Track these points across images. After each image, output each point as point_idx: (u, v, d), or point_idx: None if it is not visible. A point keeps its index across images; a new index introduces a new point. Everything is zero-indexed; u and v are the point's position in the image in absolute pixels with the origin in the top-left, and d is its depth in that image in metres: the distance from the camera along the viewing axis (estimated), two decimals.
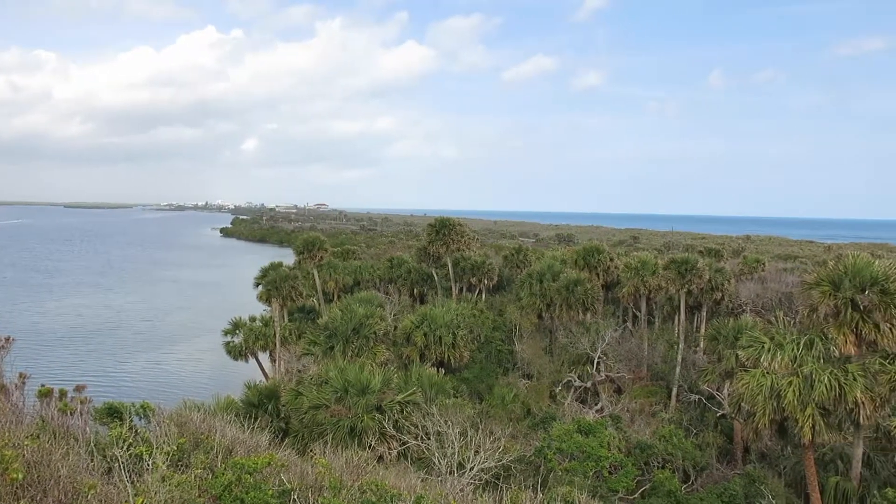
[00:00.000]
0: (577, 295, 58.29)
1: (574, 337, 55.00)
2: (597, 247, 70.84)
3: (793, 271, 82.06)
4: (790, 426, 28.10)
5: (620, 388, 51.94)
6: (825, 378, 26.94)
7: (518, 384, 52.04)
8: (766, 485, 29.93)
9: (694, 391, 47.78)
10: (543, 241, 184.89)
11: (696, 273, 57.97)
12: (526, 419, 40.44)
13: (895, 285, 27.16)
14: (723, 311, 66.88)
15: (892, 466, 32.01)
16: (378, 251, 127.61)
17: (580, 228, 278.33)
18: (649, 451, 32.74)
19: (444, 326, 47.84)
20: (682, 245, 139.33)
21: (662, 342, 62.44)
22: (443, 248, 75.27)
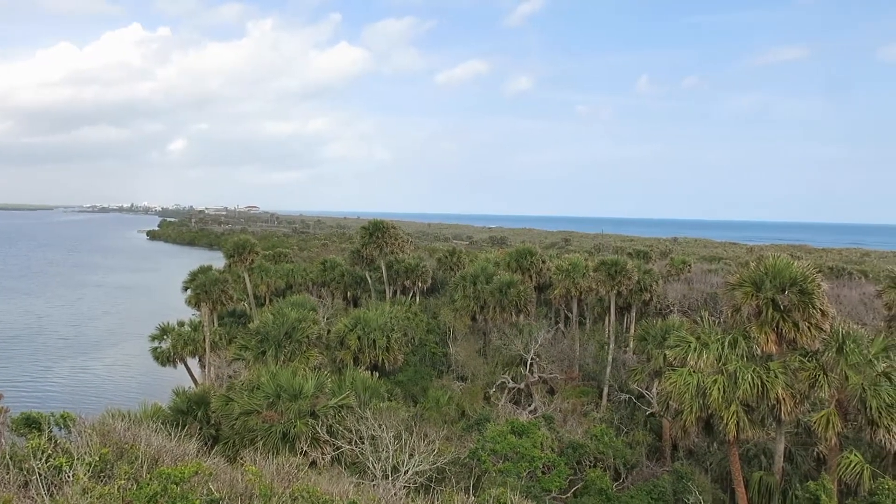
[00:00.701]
0: (510, 297, 58.80)
1: (507, 338, 55.43)
2: (529, 249, 71.63)
3: (717, 272, 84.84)
4: (716, 423, 28.91)
5: (553, 388, 52.60)
6: (748, 376, 27.81)
7: (452, 386, 52.12)
8: (693, 481, 30.74)
9: (624, 390, 48.75)
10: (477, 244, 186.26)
11: (626, 275, 59.20)
12: (460, 421, 40.50)
13: (812, 285, 28.26)
14: (651, 311, 68.57)
15: (811, 460, 33.32)
16: (311, 254, 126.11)
17: (513, 231, 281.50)
18: (581, 451, 33.22)
19: (378, 329, 47.54)
20: (611, 247, 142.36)
21: (594, 343, 63.54)
22: (376, 251, 74.90)
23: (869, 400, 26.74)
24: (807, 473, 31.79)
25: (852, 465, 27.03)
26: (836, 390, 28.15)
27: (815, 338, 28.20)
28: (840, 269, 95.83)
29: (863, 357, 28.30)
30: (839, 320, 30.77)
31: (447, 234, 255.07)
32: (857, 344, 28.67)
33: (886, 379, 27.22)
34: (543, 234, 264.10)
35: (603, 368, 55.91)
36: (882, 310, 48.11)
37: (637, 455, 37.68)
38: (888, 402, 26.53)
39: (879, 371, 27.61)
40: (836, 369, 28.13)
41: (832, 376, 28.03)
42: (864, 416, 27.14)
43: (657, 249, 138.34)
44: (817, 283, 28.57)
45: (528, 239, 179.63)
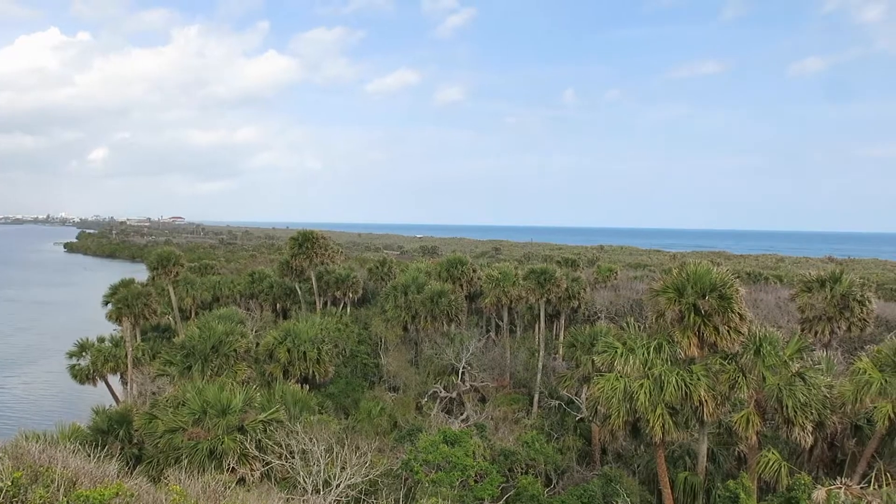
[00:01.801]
0: (442, 306, 58.92)
1: (439, 348, 55.50)
2: (460, 258, 71.99)
3: (642, 279, 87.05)
4: (643, 426, 29.58)
5: (485, 396, 52.89)
6: (673, 379, 28.62)
7: (384, 397, 51.80)
8: (621, 484, 31.37)
9: (554, 397, 49.41)
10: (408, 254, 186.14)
11: (555, 283, 60.13)
12: (393, 432, 40.30)
13: (731, 290, 29.33)
14: (580, 318, 69.83)
15: (733, 459, 34.46)
16: (238, 266, 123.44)
17: (444, 240, 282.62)
18: (513, 458, 33.49)
19: (309, 341, 46.90)
20: (540, 256, 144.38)
21: (524, 350, 64.21)
22: (306, 262, 73.93)
23: (785, 399, 27.89)
24: (728, 472, 32.85)
25: (770, 462, 28.11)
26: (755, 391, 29.27)
27: (735, 341, 29.25)
28: (757, 275, 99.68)
29: (779, 358, 29.51)
30: (756, 324, 31.98)
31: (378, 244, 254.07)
32: (773, 346, 29.89)
33: (800, 379, 28.44)
34: (474, 243, 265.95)
35: (533, 375, 56.55)
36: (796, 312, 50.23)
37: (567, 460, 38.21)
38: (802, 402, 27.73)
39: (794, 371, 28.84)
40: (755, 371, 29.26)
41: (751, 378, 29.14)
42: (780, 415, 28.29)
43: (585, 257, 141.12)
44: (735, 288, 29.66)
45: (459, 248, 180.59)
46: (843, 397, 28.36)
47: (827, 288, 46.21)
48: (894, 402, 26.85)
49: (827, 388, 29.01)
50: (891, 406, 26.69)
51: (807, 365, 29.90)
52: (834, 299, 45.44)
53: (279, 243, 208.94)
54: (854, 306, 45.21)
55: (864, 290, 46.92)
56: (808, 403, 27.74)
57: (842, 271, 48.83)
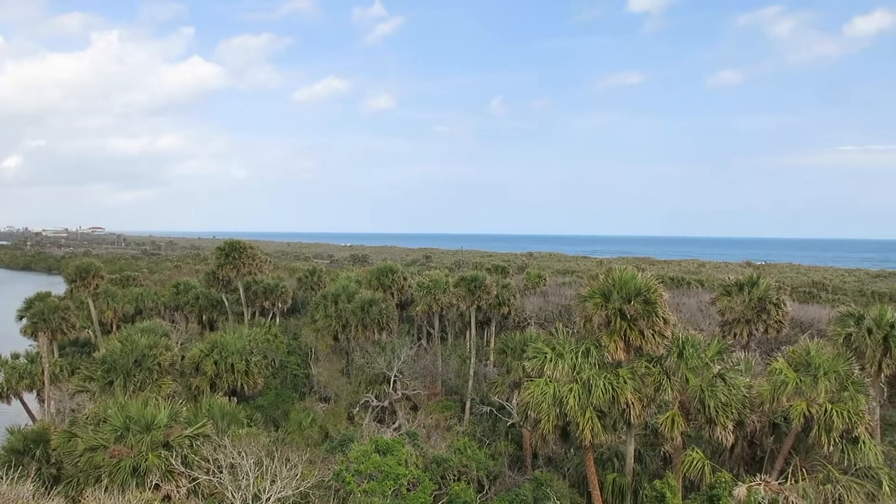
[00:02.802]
0: (373, 315, 58.60)
1: (371, 357, 55.16)
2: (391, 267, 71.86)
3: (570, 285, 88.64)
4: (572, 430, 30.09)
5: (416, 404, 52.79)
6: (601, 383, 29.24)
7: (315, 408, 51.14)
8: (552, 487, 31.78)
9: (486, 403, 49.71)
10: (338, 262, 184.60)
11: (485, 289, 60.64)
12: (324, 443, 39.79)
13: (655, 295, 30.18)
14: (510, 324, 70.54)
15: (659, 459, 35.36)
16: (162, 277, 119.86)
17: (375, 249, 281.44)
18: (445, 465, 33.52)
19: (236, 353, 45.92)
20: (471, 263, 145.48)
21: (455, 357, 64.42)
22: (233, 272, 72.36)
23: (707, 400, 28.84)
24: (655, 472, 33.68)
25: (694, 461, 28.99)
26: (679, 392, 30.18)
27: (659, 344, 30.11)
28: (680, 280, 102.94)
29: (701, 360, 30.52)
30: (680, 327, 33.01)
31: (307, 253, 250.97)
32: (696, 348, 30.93)
33: (721, 380, 29.46)
34: (405, 251, 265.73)
35: (465, 382, 56.79)
36: (716, 316, 52.03)
37: (499, 466, 38.47)
38: (723, 402, 28.73)
39: (715, 373, 29.86)
40: (678, 373, 30.18)
41: (675, 380, 30.05)
42: (703, 416, 29.22)
43: (514, 264, 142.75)
44: (659, 293, 30.54)
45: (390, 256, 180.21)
46: (762, 397, 29.45)
47: (745, 292, 48.04)
48: (809, 400, 28.06)
49: (746, 389, 30.10)
50: (805, 404, 27.89)
51: (727, 366, 31.00)
52: (752, 302, 47.26)
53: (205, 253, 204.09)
54: (770, 309, 47.13)
55: (779, 294, 49.00)
56: (728, 403, 28.74)
57: (759, 276, 50.88)
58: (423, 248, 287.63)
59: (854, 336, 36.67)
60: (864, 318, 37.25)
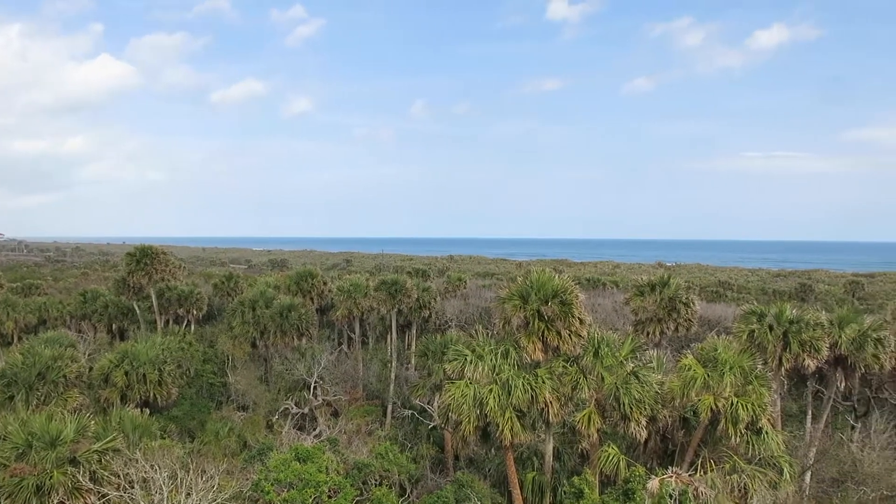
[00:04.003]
0: (292, 320, 57.76)
1: (290, 363, 54.34)
2: (310, 271, 71.01)
3: (490, 287, 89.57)
4: (492, 430, 30.45)
5: (337, 410, 52.29)
6: (520, 383, 29.72)
7: (233, 417, 49.97)
8: (473, 488, 32.04)
9: (407, 406, 49.71)
10: (256, 268, 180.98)
11: (405, 293, 60.70)
12: (242, 453, 38.94)
13: (571, 296, 30.91)
14: (431, 327, 70.78)
15: (577, 457, 36.15)
16: (68, 285, 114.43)
17: (294, 253, 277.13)
18: (367, 470, 33.33)
19: (149, 363, 44.37)
20: (392, 267, 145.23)
21: (377, 361, 64.21)
22: (145, 279, 69.89)
23: (622, 397, 29.69)
24: (573, 469, 34.41)
25: (610, 457, 29.81)
26: (595, 390, 30.97)
27: (576, 344, 30.86)
28: (596, 281, 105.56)
29: (615, 359, 31.42)
30: (595, 327, 33.87)
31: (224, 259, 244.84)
32: (611, 347, 31.82)
33: (635, 377, 30.37)
34: (325, 255, 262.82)
35: (386, 386, 56.66)
36: (630, 315, 53.64)
37: (421, 469, 38.51)
38: (637, 398, 29.63)
39: (629, 371, 30.76)
40: (594, 371, 30.99)
41: (591, 378, 30.83)
42: (618, 412, 30.06)
43: (435, 267, 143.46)
44: (575, 294, 31.30)
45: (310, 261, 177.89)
46: (673, 392, 30.54)
47: (657, 292, 49.71)
48: (716, 394, 29.25)
49: (658, 385, 31.11)
50: (713, 398, 29.08)
51: (640, 364, 31.97)
52: (663, 302, 48.94)
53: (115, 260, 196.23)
54: (680, 308, 48.93)
55: (688, 293, 50.96)
56: (642, 400, 29.67)
57: (669, 276, 52.76)
58: (343, 251, 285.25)
59: (757, 332, 38.59)
60: (766, 316, 39.24)
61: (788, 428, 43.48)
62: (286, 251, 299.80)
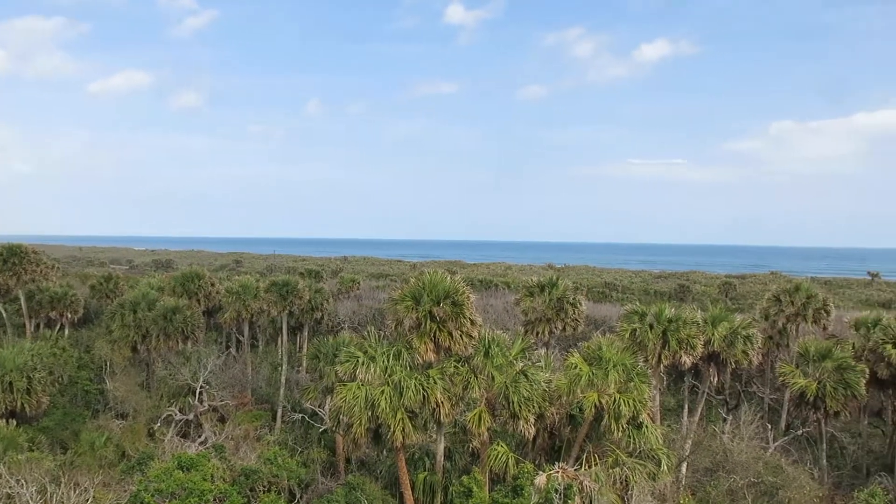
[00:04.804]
0: (176, 323, 55.55)
1: (174, 368, 52.22)
2: (197, 272, 68.64)
3: (384, 288, 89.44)
4: (384, 432, 30.37)
5: (224, 416, 50.67)
6: (412, 384, 29.77)
7: (111, 426, 47.47)
8: (363, 490, 31.84)
9: (298, 410, 48.89)
10: (139, 268, 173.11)
11: (297, 294, 59.76)
12: (121, 463, 37.11)
13: (463, 297, 31.24)
14: (323, 329, 69.93)
15: (468, 456, 36.55)
16: None
17: (180, 253, 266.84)
18: (255, 477, 32.51)
19: (16, 370, 41.58)
20: (284, 268, 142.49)
21: (267, 364, 62.83)
22: (12, 280, 65.37)
23: (511, 396, 30.26)
24: (464, 468, 34.77)
25: (499, 455, 30.34)
26: (485, 390, 31.45)
27: (467, 344, 31.21)
28: (488, 282, 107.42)
29: (505, 359, 32.01)
30: (486, 327, 34.36)
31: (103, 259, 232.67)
32: (501, 347, 32.42)
33: (524, 376, 31.03)
34: (213, 255, 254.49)
35: (276, 390, 55.51)
36: (521, 315, 54.88)
37: (312, 473, 37.96)
38: (526, 397, 30.29)
39: (518, 370, 31.39)
40: (485, 371, 31.46)
41: (481, 378, 31.28)
42: (507, 411, 30.63)
43: (328, 268, 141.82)
44: (467, 295, 31.67)
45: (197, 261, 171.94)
46: (560, 390, 31.40)
47: (546, 293, 51.09)
48: (600, 391, 30.27)
49: (546, 383, 31.88)
50: (597, 395, 30.08)
51: (529, 363, 32.72)
52: (552, 303, 50.35)
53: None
54: (568, 308, 50.50)
55: (576, 294, 52.69)
56: (530, 398, 30.35)
57: (558, 277, 54.35)
58: (233, 252, 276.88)
59: (638, 331, 40.31)
60: (647, 315, 41.05)
61: (667, 422, 45.71)
62: (172, 251, 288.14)
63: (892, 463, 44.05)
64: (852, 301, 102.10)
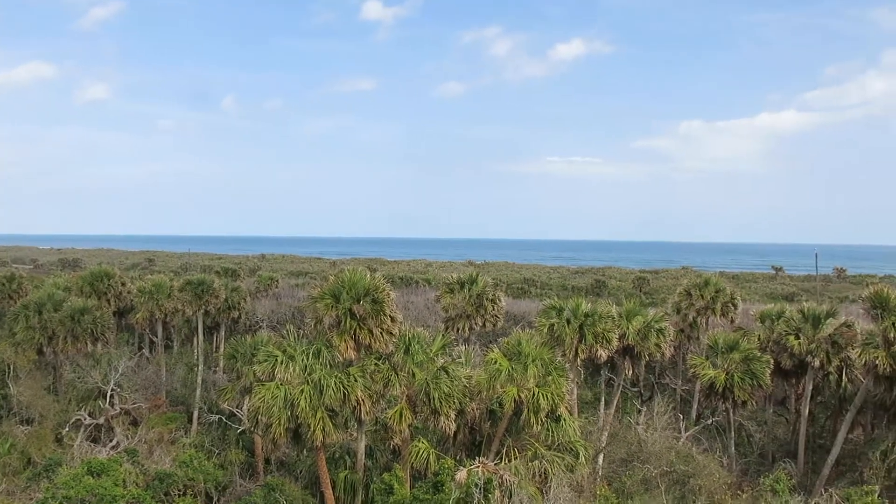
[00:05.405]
0: (85, 324, 53.38)
1: (83, 371, 50.19)
2: (107, 271, 66.11)
3: (303, 287, 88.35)
4: (304, 431, 30.09)
5: (137, 419, 49.09)
6: (332, 383, 29.63)
7: (15, 432, 45.28)
8: (282, 491, 31.51)
9: (214, 411, 47.87)
10: (44, 268, 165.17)
11: (213, 293, 58.52)
12: (26, 471, 35.50)
13: (383, 295, 31.29)
14: (241, 328, 68.61)
15: (389, 453, 36.65)
16: None
17: (89, 252, 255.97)
18: (169, 481, 31.73)
19: None
20: (199, 266, 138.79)
21: (182, 366, 61.22)
22: None
23: (432, 392, 30.51)
24: (385, 465, 34.87)
25: (420, 451, 30.52)
26: (406, 387, 31.60)
27: (388, 342, 31.29)
28: (409, 279, 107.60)
29: (426, 355, 32.25)
30: (407, 324, 34.51)
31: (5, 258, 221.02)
32: (422, 344, 32.63)
33: (445, 372, 31.34)
34: (124, 254, 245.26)
35: (192, 391, 54.18)
36: (441, 312, 55.28)
37: (229, 475, 37.29)
38: (446, 393, 30.60)
39: (439, 366, 31.70)
40: (405, 368, 31.62)
41: (402, 375, 31.43)
42: (428, 407, 30.85)
43: (246, 266, 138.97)
44: (387, 292, 31.74)
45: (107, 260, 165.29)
46: (480, 385, 31.81)
47: (466, 289, 51.64)
48: (519, 386, 30.86)
49: (467, 379, 32.31)
50: (516, 390, 30.65)
51: (450, 359, 33.10)
52: (472, 299, 50.94)
53: None
54: (488, 305, 51.21)
55: (495, 291, 53.51)
56: (451, 394, 30.67)
57: (478, 274, 55.03)
58: (146, 250, 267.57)
59: (556, 326, 41.27)
60: (564, 310, 42.06)
61: (584, 414, 46.93)
62: (79, 250, 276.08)
63: (795, 449, 46.47)
64: (758, 294, 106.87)
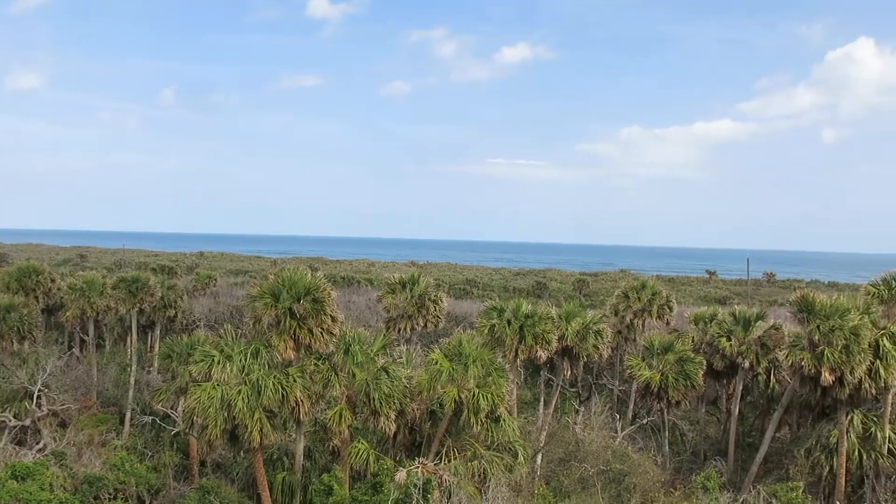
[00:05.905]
0: (11, 322, 51.36)
1: (8, 370, 48.22)
2: (35, 267, 63.74)
3: (242, 285, 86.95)
4: (241, 433, 29.58)
5: (66, 420, 47.43)
6: (270, 383, 29.21)
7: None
8: (217, 494, 30.91)
9: (148, 413, 46.61)
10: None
11: (148, 291, 57.08)
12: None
13: (324, 294, 30.99)
14: (177, 327, 66.98)
15: (328, 454, 36.33)
16: None
17: (16, 246, 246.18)
18: (99, 484, 30.80)
19: None
20: (134, 263, 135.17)
21: (114, 366, 59.53)
22: None
23: (372, 393, 30.34)
24: (324, 466, 34.51)
25: (360, 452, 30.35)
26: (346, 387, 31.37)
27: (328, 342, 31.02)
28: (351, 278, 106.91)
29: (366, 356, 32.04)
30: (348, 324, 34.27)
31: None
32: (362, 344, 32.39)
33: (385, 373, 31.20)
34: (54, 249, 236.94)
35: (125, 392, 52.67)
36: (382, 312, 55.07)
37: (163, 478, 36.40)
38: (387, 393, 30.47)
39: (379, 367, 31.54)
40: (346, 368, 31.38)
41: (342, 375, 31.17)
42: (368, 408, 30.68)
43: (183, 264, 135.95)
44: (328, 291, 31.46)
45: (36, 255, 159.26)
46: (421, 386, 31.78)
47: (408, 289, 51.53)
48: (460, 386, 30.96)
49: (407, 379, 32.24)
50: (457, 390, 30.73)
51: (391, 360, 32.97)
52: (413, 299, 50.86)
53: None
54: (430, 305, 51.19)
55: (437, 291, 53.55)
56: (391, 394, 30.56)
57: (420, 274, 55.01)
58: (77, 246, 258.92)
59: (497, 327, 41.54)
60: (505, 311, 42.39)
61: (524, 414, 47.40)
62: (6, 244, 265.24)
63: (725, 448, 47.90)
64: (692, 297, 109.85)
